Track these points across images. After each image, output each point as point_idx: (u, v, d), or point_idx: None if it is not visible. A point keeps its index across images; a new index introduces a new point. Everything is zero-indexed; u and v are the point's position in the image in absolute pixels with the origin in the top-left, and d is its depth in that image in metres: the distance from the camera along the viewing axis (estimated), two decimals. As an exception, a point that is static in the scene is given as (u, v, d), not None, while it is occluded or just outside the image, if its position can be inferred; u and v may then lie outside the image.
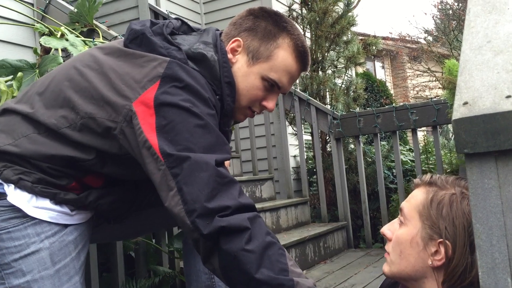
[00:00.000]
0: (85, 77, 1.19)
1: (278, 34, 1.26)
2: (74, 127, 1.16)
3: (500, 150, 0.70)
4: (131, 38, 1.23)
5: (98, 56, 1.23)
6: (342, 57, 4.67)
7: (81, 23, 2.68)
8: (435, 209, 1.07)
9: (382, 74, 14.48)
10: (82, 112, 1.16)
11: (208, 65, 1.21)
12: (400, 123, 3.74)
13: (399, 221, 1.15)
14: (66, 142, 1.17)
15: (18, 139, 1.17)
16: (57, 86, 1.21)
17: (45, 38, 1.74)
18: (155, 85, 1.11)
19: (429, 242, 1.07)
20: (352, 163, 4.44)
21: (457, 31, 10.50)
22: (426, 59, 11.64)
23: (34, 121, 1.19)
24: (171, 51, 1.19)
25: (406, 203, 1.14)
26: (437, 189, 1.11)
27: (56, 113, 1.18)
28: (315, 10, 4.53)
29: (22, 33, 2.81)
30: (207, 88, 1.17)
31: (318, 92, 4.55)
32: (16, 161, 1.17)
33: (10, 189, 1.15)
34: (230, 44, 1.27)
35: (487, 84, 0.77)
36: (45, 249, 1.16)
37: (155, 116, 1.09)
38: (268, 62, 1.25)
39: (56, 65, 1.65)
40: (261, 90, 1.27)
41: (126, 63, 1.18)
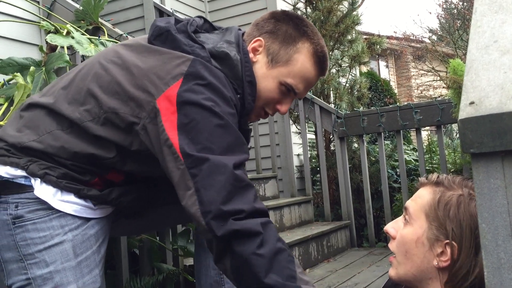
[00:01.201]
0: (109, 72, 1.20)
1: (298, 39, 1.26)
2: (97, 121, 1.18)
3: (507, 150, 0.70)
4: (156, 34, 1.24)
5: (121, 52, 1.24)
6: (347, 56, 4.67)
7: (87, 21, 2.69)
8: (442, 210, 1.06)
9: (386, 73, 14.46)
10: (105, 107, 1.18)
11: (230, 64, 1.22)
12: (404, 123, 3.74)
13: (404, 219, 1.14)
14: (89, 139, 1.19)
15: (42, 135, 1.20)
16: (81, 81, 1.23)
17: (51, 35, 1.74)
18: (178, 82, 1.12)
19: (435, 243, 1.06)
20: (356, 162, 4.44)
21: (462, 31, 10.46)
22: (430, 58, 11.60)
23: (57, 115, 1.21)
24: (195, 49, 1.20)
25: (412, 202, 1.13)
26: (444, 190, 1.09)
27: (79, 107, 1.20)
28: (320, 9, 4.53)
29: (28, 31, 2.81)
30: (228, 87, 1.18)
31: (322, 91, 4.55)
32: (41, 157, 1.19)
33: (37, 183, 1.18)
34: (252, 44, 1.28)
35: (494, 84, 0.77)
36: (68, 241, 1.19)
37: (177, 114, 1.10)
38: (287, 67, 1.26)
39: (63, 62, 1.66)
40: (278, 94, 1.28)
41: (150, 59, 1.19)
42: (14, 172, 1.18)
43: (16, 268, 1.18)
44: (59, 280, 1.17)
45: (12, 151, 1.20)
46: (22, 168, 1.18)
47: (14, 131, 1.23)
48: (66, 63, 1.66)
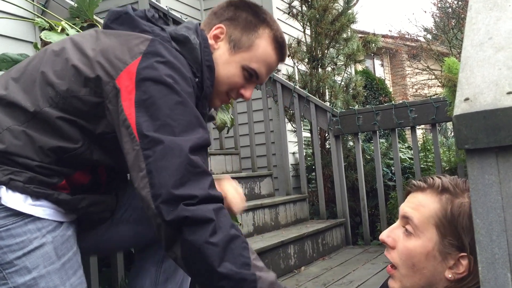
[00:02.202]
0: (62, 56, 1.16)
1: (259, 25, 1.28)
2: (56, 107, 1.13)
3: (501, 146, 0.71)
4: (113, 18, 1.23)
5: (74, 38, 1.22)
6: (342, 54, 4.67)
7: (81, 18, 2.68)
8: (456, 222, 0.99)
9: (381, 72, 14.49)
10: (63, 91, 1.13)
11: (190, 47, 1.21)
12: (399, 121, 3.75)
13: (405, 230, 1.05)
14: (50, 130, 1.13)
15: (0, 133, 1.12)
16: (34, 69, 1.18)
17: (46, 32, 1.73)
18: (136, 60, 1.10)
19: (448, 256, 1.00)
20: (351, 160, 4.45)
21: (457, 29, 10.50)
22: (425, 57, 11.64)
23: (11, 108, 1.14)
24: (155, 29, 1.20)
25: (415, 212, 1.04)
26: (451, 197, 1.02)
27: (35, 94, 1.14)
28: (315, 7, 4.53)
29: (22, 28, 2.80)
30: (188, 68, 1.17)
31: (318, 89, 4.55)
32: (2, 160, 1.11)
33: (2, 191, 1.10)
34: (213, 31, 1.28)
35: (488, 81, 0.77)
36: (48, 243, 1.13)
37: (135, 91, 1.08)
38: (249, 52, 1.27)
39: (57, 59, 1.65)
40: (241, 78, 1.29)
41: (106, 41, 1.17)
42: None
43: None
44: (45, 285, 1.11)
45: None
46: None
47: None
48: (61, 60, 1.65)
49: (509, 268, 0.71)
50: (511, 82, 0.75)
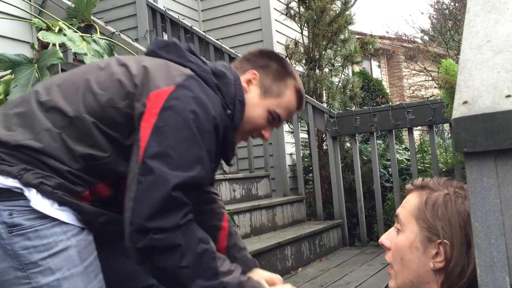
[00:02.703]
0: (107, 69, 1.25)
1: (287, 76, 1.43)
2: (94, 114, 1.19)
3: (500, 149, 0.71)
4: (161, 46, 1.34)
5: (120, 57, 1.31)
6: (339, 55, 4.68)
7: (79, 18, 2.67)
8: (430, 210, 1.07)
9: (378, 73, 14.51)
10: (103, 101, 1.19)
11: (226, 82, 1.33)
12: (396, 122, 3.75)
13: (396, 229, 1.14)
14: (85, 136, 1.19)
15: (39, 134, 1.17)
16: (78, 78, 1.25)
17: (43, 33, 1.73)
18: (169, 88, 1.19)
19: (428, 245, 1.06)
20: (348, 162, 4.45)
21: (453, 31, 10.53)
22: (422, 58, 11.66)
23: (52, 111, 1.20)
24: (198, 61, 1.31)
25: (401, 209, 1.14)
26: (430, 191, 1.10)
27: (77, 101, 1.20)
28: (313, 8, 4.53)
29: (19, 28, 2.79)
30: (217, 106, 1.25)
31: (315, 91, 4.55)
32: (36, 163, 1.16)
33: (32, 194, 1.14)
34: (246, 75, 1.40)
35: (487, 84, 0.77)
36: (73, 247, 1.17)
37: (157, 116, 1.16)
38: (277, 99, 1.41)
39: (56, 59, 1.64)
40: (265, 121, 1.41)
41: (150, 63, 1.26)
42: (4, 181, 1.13)
43: (14, 278, 1.13)
44: (67, 286, 1.14)
45: (2, 157, 1.15)
46: (14, 177, 1.13)
47: (3, 129, 1.18)
48: (60, 60, 1.64)
49: (507, 272, 0.71)
50: (510, 85, 0.75)
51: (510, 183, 0.71)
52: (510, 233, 0.72)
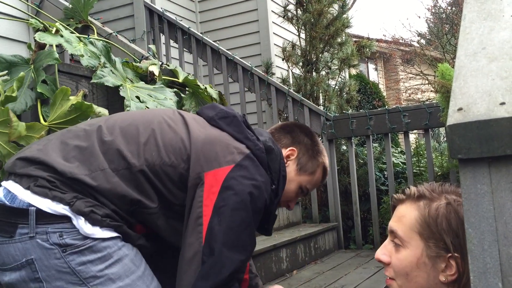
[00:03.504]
0: (173, 128, 1.31)
1: (319, 155, 1.54)
2: (152, 168, 1.24)
3: (494, 156, 0.71)
4: (221, 116, 1.39)
5: (186, 117, 1.37)
6: (336, 58, 4.69)
7: (76, 19, 2.67)
8: (435, 225, 1.02)
9: (375, 76, 14.54)
10: (165, 158, 1.25)
11: (273, 158, 1.40)
12: (392, 126, 3.76)
13: (394, 244, 1.08)
14: (138, 185, 1.24)
15: (95, 172, 1.21)
16: (143, 127, 1.30)
17: (40, 33, 1.73)
18: (229, 167, 1.26)
19: (437, 260, 1.02)
20: (344, 165, 4.45)
21: (450, 35, 10.57)
22: (419, 62, 11.70)
23: (112, 153, 1.23)
24: (255, 139, 1.36)
25: (398, 224, 1.08)
26: (427, 202, 1.05)
27: (139, 150, 1.25)
28: (310, 11, 4.54)
29: (16, 28, 2.79)
30: (268, 187, 1.32)
31: (312, 93, 4.56)
32: (87, 194, 1.20)
33: (81, 222, 1.18)
34: (287, 151, 1.50)
35: (482, 91, 0.78)
36: (125, 256, 1.22)
37: (217, 195, 1.23)
38: (310, 176, 1.52)
39: (52, 60, 1.64)
40: (295, 194, 1.52)
41: (213, 133, 1.33)
42: (55, 207, 1.16)
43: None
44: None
45: (56, 183, 1.18)
46: (66, 203, 1.17)
47: (61, 158, 1.21)
48: (56, 61, 1.64)
49: (500, 278, 0.72)
50: (504, 93, 0.75)
51: (503, 190, 0.72)
52: (503, 240, 0.72)
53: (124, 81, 1.82)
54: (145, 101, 1.80)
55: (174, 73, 2.27)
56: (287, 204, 1.55)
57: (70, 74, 1.87)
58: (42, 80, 1.67)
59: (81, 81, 1.91)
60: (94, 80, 1.73)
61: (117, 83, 1.77)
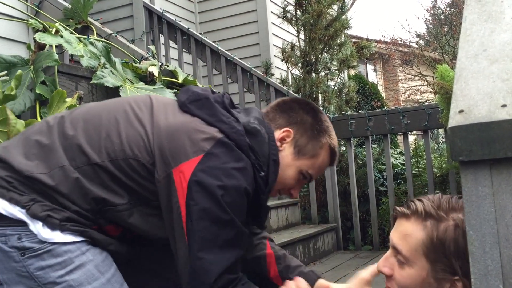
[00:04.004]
0: (139, 117, 1.21)
1: (322, 134, 1.32)
2: (116, 163, 1.16)
3: (495, 159, 0.71)
4: (192, 99, 1.25)
5: (155, 104, 1.26)
6: (336, 59, 4.69)
7: (75, 19, 2.67)
8: (442, 249, 0.99)
9: (374, 77, 14.55)
10: (128, 154, 1.16)
11: (260, 140, 1.24)
12: (391, 127, 3.76)
13: (397, 260, 1.06)
14: (102, 181, 1.16)
15: (53, 170, 1.14)
16: (107, 119, 1.21)
17: (40, 34, 1.72)
18: (197, 158, 1.13)
19: (442, 281, 1.01)
20: (343, 165, 4.45)
21: (449, 36, 10.58)
22: (417, 63, 11.71)
23: (73, 148, 1.16)
24: (231, 121, 1.22)
25: (403, 243, 1.04)
26: (435, 223, 1.02)
27: (100, 146, 1.17)
28: (310, 12, 4.54)
29: (15, 29, 2.78)
30: (248, 173, 1.18)
31: (311, 94, 4.56)
32: (46, 195, 1.13)
33: (38, 227, 1.11)
34: (280, 133, 1.30)
35: (483, 93, 0.78)
36: (89, 262, 1.14)
37: (187, 192, 1.12)
38: (311, 159, 1.31)
39: (52, 61, 1.64)
40: (295, 181, 1.33)
41: (178, 120, 1.20)
42: (12, 209, 1.11)
43: None
44: None
45: (14, 184, 1.12)
46: (23, 207, 1.11)
47: (21, 156, 1.15)
48: (55, 62, 1.64)
49: (501, 280, 0.72)
50: (506, 95, 0.75)
51: (504, 192, 0.72)
52: (505, 242, 0.72)
53: (124, 82, 1.82)
54: (145, 102, 1.80)
55: (173, 73, 2.27)
56: (289, 192, 1.37)
57: (70, 75, 1.87)
58: (42, 81, 1.67)
59: (80, 82, 1.91)
60: (94, 81, 1.73)
61: (117, 84, 1.77)
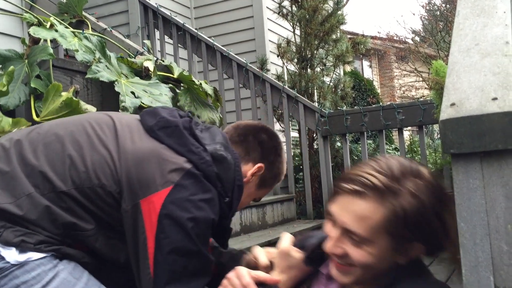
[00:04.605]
0: (103, 141, 1.18)
1: (282, 171, 1.43)
2: (81, 191, 1.14)
3: (485, 151, 0.72)
4: (161, 125, 1.23)
5: (118, 126, 1.22)
6: (331, 55, 4.69)
7: (70, 14, 2.66)
8: (404, 221, 0.97)
9: (369, 73, 14.58)
10: (94, 180, 1.14)
11: (226, 167, 1.25)
12: (387, 122, 3.77)
13: (351, 240, 1.00)
14: (68, 208, 1.14)
15: (20, 198, 1.11)
16: (70, 143, 1.18)
17: (34, 28, 1.72)
18: (166, 189, 1.13)
19: (400, 248, 1.00)
20: (339, 161, 4.47)
21: (444, 32, 10.60)
22: (413, 59, 11.73)
23: (37, 176, 1.14)
24: (200, 151, 1.22)
25: (360, 224, 0.98)
26: (393, 197, 0.97)
27: (65, 172, 1.14)
28: (305, 7, 4.54)
29: (10, 23, 2.77)
30: (215, 204, 1.20)
31: (306, 90, 4.57)
32: (16, 222, 1.11)
33: (13, 253, 1.09)
34: (254, 168, 1.35)
35: (474, 86, 0.79)
36: (62, 271, 1.13)
37: (157, 225, 1.12)
38: (267, 190, 1.44)
39: (46, 55, 1.63)
40: (246, 204, 1.45)
41: (146, 147, 1.18)
42: None
43: None
44: None
45: None
46: None
47: None
48: (50, 56, 1.64)
49: (491, 271, 0.73)
50: (496, 88, 0.76)
51: (495, 185, 0.73)
52: (495, 234, 0.73)
53: (119, 77, 1.82)
54: (140, 96, 1.80)
55: (169, 68, 2.27)
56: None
57: (65, 69, 1.87)
58: (36, 75, 1.66)
59: (75, 76, 1.91)
60: (89, 75, 1.73)
61: (112, 79, 1.77)
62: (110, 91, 1.93)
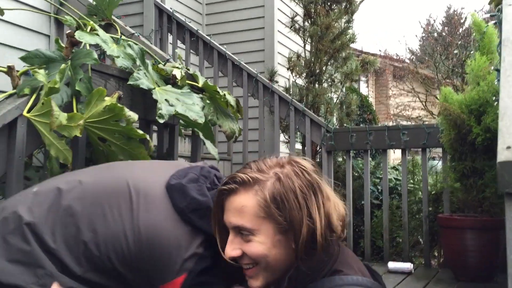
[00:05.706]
0: (121, 235, 1.18)
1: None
2: (96, 270, 1.17)
3: (539, 193, 0.80)
4: (194, 207, 1.21)
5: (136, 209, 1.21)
6: (340, 72, 4.79)
7: (99, 16, 2.72)
8: (275, 202, 1.08)
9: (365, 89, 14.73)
10: (107, 264, 1.17)
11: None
12: (391, 142, 3.87)
13: (242, 237, 1.11)
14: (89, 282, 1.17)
15: (42, 278, 1.13)
16: (84, 223, 1.18)
17: (80, 33, 1.78)
18: (181, 277, 1.16)
19: (288, 232, 1.09)
20: (340, 176, 4.54)
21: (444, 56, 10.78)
22: (411, 79, 11.90)
23: (56, 260, 1.16)
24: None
25: (241, 216, 1.10)
26: (261, 184, 1.10)
27: (79, 256, 1.17)
28: (318, 24, 4.64)
29: (38, 20, 2.82)
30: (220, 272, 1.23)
31: (313, 104, 4.65)
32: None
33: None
34: None
35: (527, 132, 0.87)
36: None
37: None
38: None
39: (91, 60, 1.69)
40: None
41: (171, 234, 1.18)
42: None
43: None
44: None
45: None
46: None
47: (4, 259, 1.13)
48: (94, 61, 1.70)
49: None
50: (548, 136, 0.84)
51: (545, 224, 0.81)
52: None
53: (155, 84, 1.89)
54: (174, 105, 1.86)
55: (194, 77, 2.34)
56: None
57: (101, 73, 1.92)
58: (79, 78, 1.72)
59: (109, 80, 1.97)
60: (130, 82, 1.79)
61: (151, 86, 1.83)
62: (139, 97, 2.00)
